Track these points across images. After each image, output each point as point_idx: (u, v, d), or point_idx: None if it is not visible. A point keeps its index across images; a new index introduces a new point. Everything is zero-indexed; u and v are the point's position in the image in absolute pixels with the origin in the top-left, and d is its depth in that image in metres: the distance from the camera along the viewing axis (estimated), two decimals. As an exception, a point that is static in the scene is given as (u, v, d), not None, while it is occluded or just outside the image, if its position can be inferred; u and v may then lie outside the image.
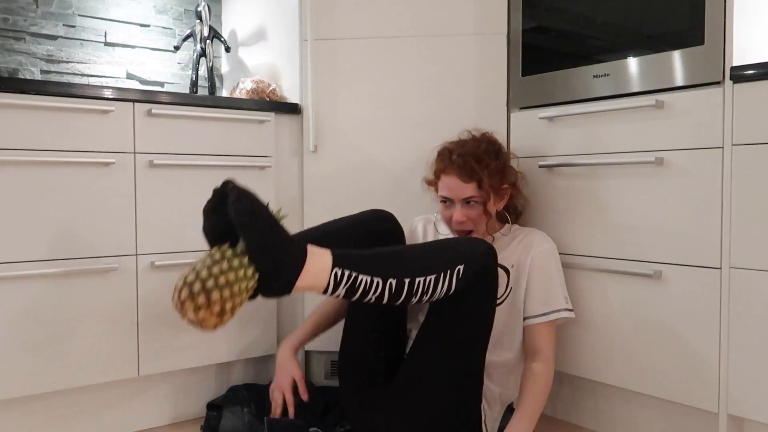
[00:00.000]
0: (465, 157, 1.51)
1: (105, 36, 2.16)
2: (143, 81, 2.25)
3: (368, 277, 1.22)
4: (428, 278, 1.25)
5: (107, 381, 1.59)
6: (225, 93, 2.37)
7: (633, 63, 1.52)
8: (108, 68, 2.17)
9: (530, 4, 1.73)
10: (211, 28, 2.18)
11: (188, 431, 1.69)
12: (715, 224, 1.38)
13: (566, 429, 1.70)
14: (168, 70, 2.30)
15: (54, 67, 2.07)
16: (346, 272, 1.21)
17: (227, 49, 2.23)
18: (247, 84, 1.98)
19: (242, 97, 1.93)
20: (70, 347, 1.53)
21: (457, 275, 1.27)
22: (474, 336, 1.38)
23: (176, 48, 2.15)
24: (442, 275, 1.26)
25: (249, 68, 2.21)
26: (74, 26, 2.10)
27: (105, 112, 1.56)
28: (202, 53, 2.16)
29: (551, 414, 1.79)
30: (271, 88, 1.98)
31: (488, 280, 1.35)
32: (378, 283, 1.22)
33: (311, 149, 1.87)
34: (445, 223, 1.60)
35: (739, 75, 1.32)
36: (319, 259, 1.21)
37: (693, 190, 1.41)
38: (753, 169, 1.31)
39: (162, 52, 2.29)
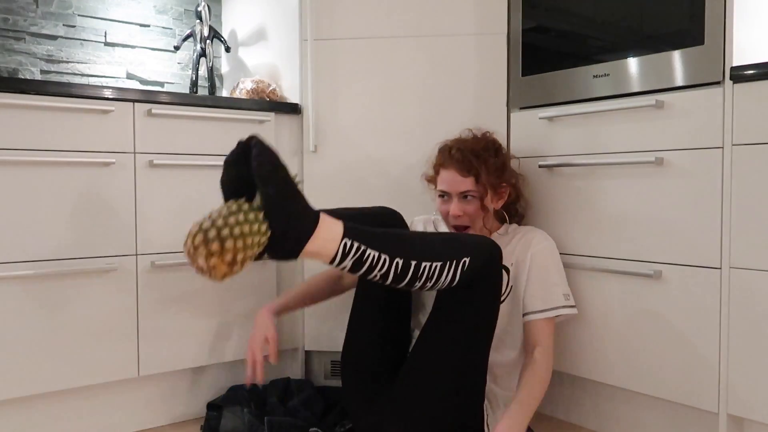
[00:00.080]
0: (464, 152, 1.53)
1: (105, 36, 2.16)
2: (143, 81, 2.25)
3: (376, 253, 1.23)
4: (434, 264, 1.26)
5: (107, 381, 1.59)
6: (225, 93, 2.37)
7: (633, 63, 1.52)
8: (108, 68, 2.17)
9: (530, 4, 1.73)
10: (211, 28, 2.18)
11: (188, 431, 1.69)
12: (715, 224, 1.38)
13: (566, 429, 1.70)
14: (168, 70, 2.30)
15: (54, 67, 2.07)
16: (356, 244, 1.22)
17: (227, 49, 2.23)
18: (247, 84, 1.98)
19: (242, 97, 1.93)
20: (70, 347, 1.53)
21: (462, 267, 1.28)
22: (478, 334, 1.38)
23: (176, 48, 2.15)
24: (448, 264, 1.27)
25: (249, 68, 2.21)
26: (74, 26, 2.10)
27: (105, 112, 1.56)
28: (202, 53, 2.16)
29: (551, 414, 1.79)
30: (271, 88, 1.98)
31: (493, 278, 1.35)
32: (385, 260, 1.24)
33: (311, 149, 1.87)
34: (442, 218, 1.60)
35: (739, 75, 1.32)
36: (331, 228, 1.22)
37: (693, 190, 1.41)
38: (753, 169, 1.31)
39: (162, 52, 2.29)
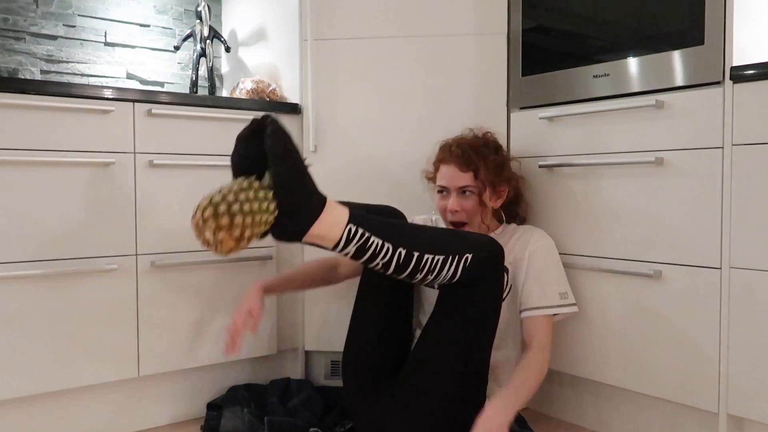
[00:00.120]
0: (464, 148, 1.55)
1: (105, 36, 2.16)
2: (143, 81, 2.25)
3: (380, 241, 1.25)
4: (436, 257, 1.27)
5: (107, 381, 1.59)
6: (225, 93, 2.37)
7: (633, 63, 1.52)
8: (108, 68, 2.17)
9: (530, 4, 1.73)
10: (211, 28, 2.18)
11: (188, 431, 1.69)
12: (715, 224, 1.38)
13: (566, 429, 1.70)
14: (168, 70, 2.30)
15: (54, 67, 2.07)
16: (360, 230, 1.24)
17: (227, 49, 2.23)
18: (247, 84, 1.98)
19: (242, 97, 1.93)
20: (70, 347, 1.53)
21: (464, 263, 1.28)
22: (479, 333, 1.37)
23: (176, 48, 2.15)
24: (450, 258, 1.28)
25: (249, 68, 2.21)
26: (74, 26, 2.10)
27: (105, 112, 1.56)
28: (202, 53, 2.16)
29: (551, 414, 1.79)
30: (271, 88, 1.98)
31: (494, 276, 1.35)
32: (388, 249, 1.25)
33: (311, 149, 1.87)
34: (440, 214, 1.60)
35: (739, 75, 1.32)
36: (337, 213, 1.24)
37: (693, 190, 1.41)
38: (753, 169, 1.31)
39: (162, 52, 2.29)
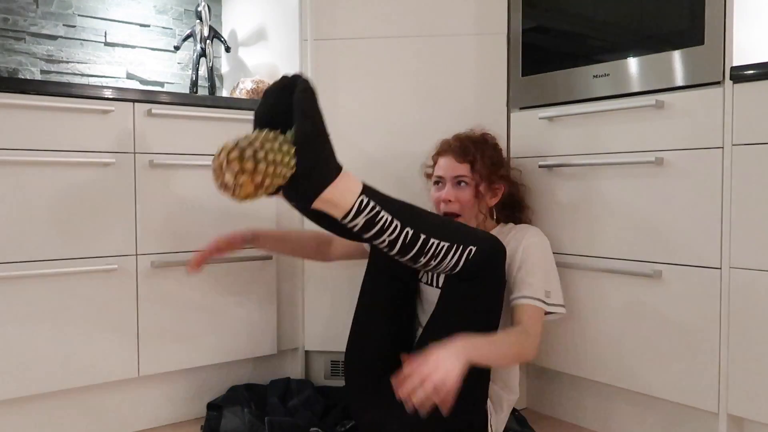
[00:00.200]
0: (462, 140, 1.57)
1: (105, 36, 2.16)
2: (143, 81, 2.25)
3: (389, 217, 1.27)
4: (442, 244, 1.29)
5: (107, 381, 1.59)
6: (225, 93, 2.37)
7: (633, 63, 1.52)
8: (108, 68, 2.17)
9: (530, 4, 1.73)
10: (211, 28, 2.18)
11: (188, 431, 1.69)
12: (715, 224, 1.38)
13: (566, 429, 1.70)
14: (168, 70, 2.30)
15: (54, 67, 2.07)
16: (372, 203, 1.26)
17: (227, 49, 2.23)
18: (247, 84, 1.98)
19: (242, 97, 1.93)
20: (70, 347, 1.53)
21: (468, 255, 1.29)
22: (481, 329, 1.36)
23: (176, 48, 2.15)
24: (455, 247, 1.29)
25: (249, 68, 2.21)
26: (74, 26, 2.10)
27: (105, 112, 1.56)
28: (202, 53, 2.16)
29: (551, 414, 1.79)
30: (271, 88, 1.97)
31: (496, 273, 1.35)
32: (397, 226, 1.27)
33: (311, 149, 1.87)
34: (434, 206, 1.59)
35: (739, 75, 1.32)
36: (351, 182, 1.26)
37: (693, 190, 1.41)
38: (753, 169, 1.31)
39: (162, 52, 2.29)
